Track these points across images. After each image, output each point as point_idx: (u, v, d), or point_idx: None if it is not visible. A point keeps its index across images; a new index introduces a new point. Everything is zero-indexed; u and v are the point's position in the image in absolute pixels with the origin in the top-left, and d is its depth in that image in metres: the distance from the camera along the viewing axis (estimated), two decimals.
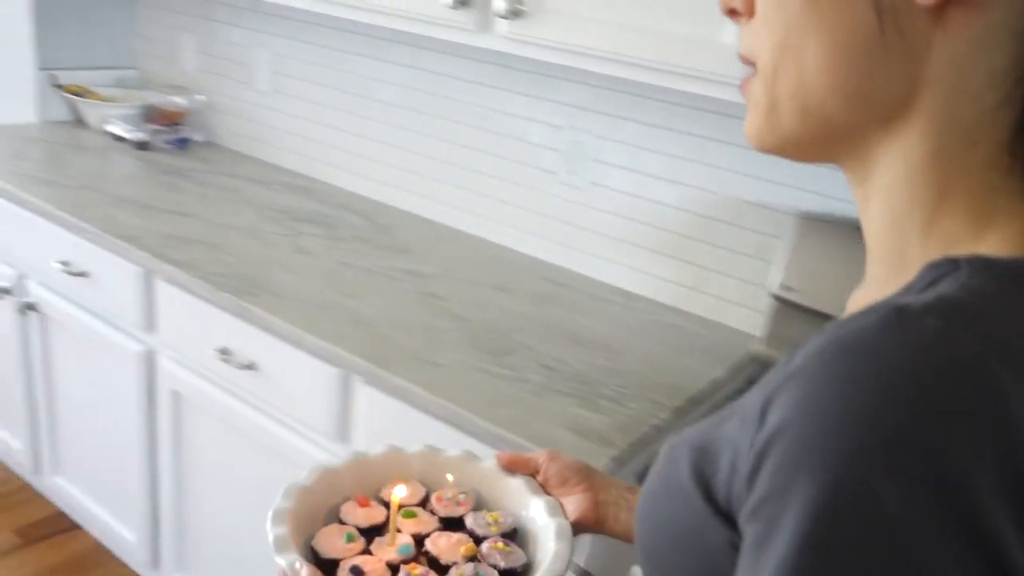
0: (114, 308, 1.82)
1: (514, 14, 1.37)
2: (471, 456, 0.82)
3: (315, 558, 0.70)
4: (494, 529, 0.74)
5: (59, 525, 2.32)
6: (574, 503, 0.75)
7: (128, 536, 2.03)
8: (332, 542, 0.71)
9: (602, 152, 1.73)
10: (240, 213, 1.94)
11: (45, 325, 2.04)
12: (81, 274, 1.84)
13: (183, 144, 2.40)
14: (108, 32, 2.56)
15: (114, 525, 2.07)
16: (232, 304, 1.53)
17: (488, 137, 1.90)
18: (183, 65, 2.50)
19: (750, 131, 0.49)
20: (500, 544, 0.72)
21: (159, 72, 2.58)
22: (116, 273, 1.77)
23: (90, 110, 2.43)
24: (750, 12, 0.48)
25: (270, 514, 0.70)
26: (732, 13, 0.50)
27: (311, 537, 0.72)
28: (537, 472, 0.79)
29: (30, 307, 2.02)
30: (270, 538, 0.68)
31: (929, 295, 0.40)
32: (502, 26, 1.42)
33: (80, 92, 2.45)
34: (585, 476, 0.77)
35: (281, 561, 0.65)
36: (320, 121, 2.22)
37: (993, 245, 0.43)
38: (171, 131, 2.38)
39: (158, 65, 2.58)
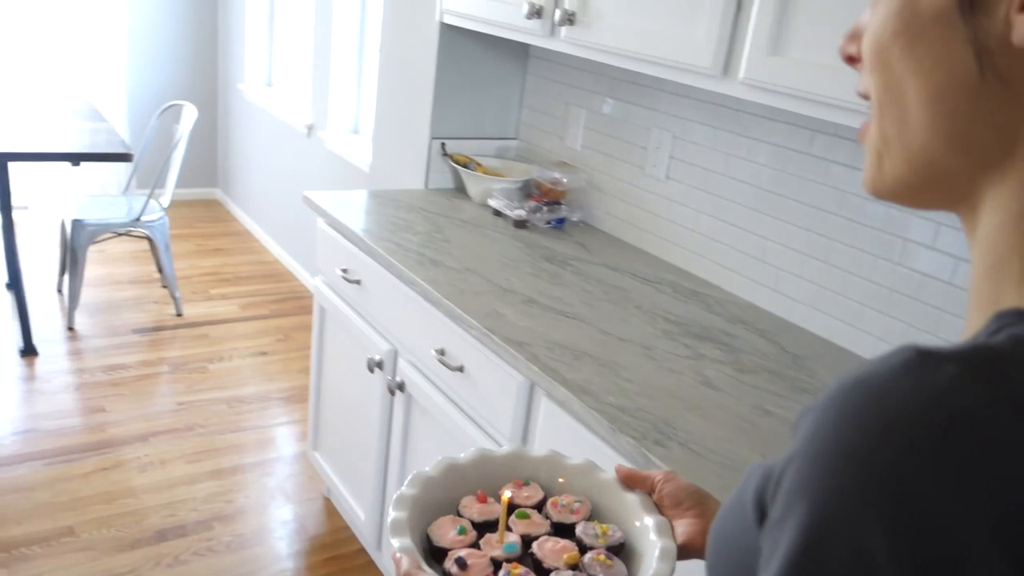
0: (486, 411, 1.67)
1: None
2: (592, 465, 0.82)
3: (428, 544, 0.73)
4: (601, 541, 0.75)
5: None
6: (684, 526, 0.74)
7: None
8: (445, 532, 0.74)
9: None
10: (629, 320, 1.71)
11: (410, 406, 1.97)
12: (458, 368, 1.72)
13: (560, 224, 2.26)
14: (495, 103, 2.52)
15: None
16: (632, 449, 1.28)
17: (937, 259, 1.50)
18: (568, 140, 2.37)
19: (865, 177, 0.48)
20: (603, 556, 0.72)
21: (541, 145, 2.48)
22: (496, 376, 1.61)
23: (473, 181, 2.38)
24: (862, 57, 0.47)
25: (394, 498, 0.73)
26: (850, 60, 0.49)
27: (429, 524, 0.75)
28: (653, 490, 0.78)
29: (399, 386, 1.96)
30: (388, 519, 0.71)
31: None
32: None
33: (465, 163, 2.42)
34: (699, 501, 0.76)
35: (395, 542, 0.68)
36: (715, 215, 1.95)
37: None
38: (550, 210, 2.25)
39: (541, 138, 2.49)
